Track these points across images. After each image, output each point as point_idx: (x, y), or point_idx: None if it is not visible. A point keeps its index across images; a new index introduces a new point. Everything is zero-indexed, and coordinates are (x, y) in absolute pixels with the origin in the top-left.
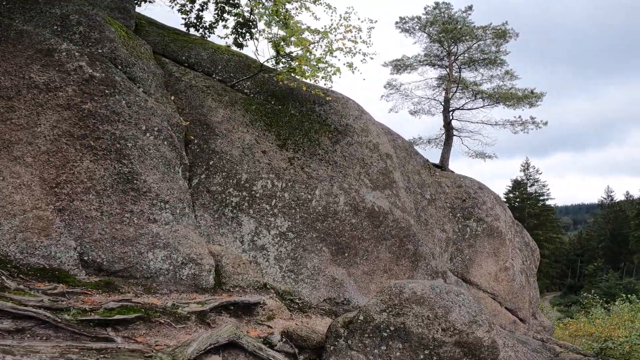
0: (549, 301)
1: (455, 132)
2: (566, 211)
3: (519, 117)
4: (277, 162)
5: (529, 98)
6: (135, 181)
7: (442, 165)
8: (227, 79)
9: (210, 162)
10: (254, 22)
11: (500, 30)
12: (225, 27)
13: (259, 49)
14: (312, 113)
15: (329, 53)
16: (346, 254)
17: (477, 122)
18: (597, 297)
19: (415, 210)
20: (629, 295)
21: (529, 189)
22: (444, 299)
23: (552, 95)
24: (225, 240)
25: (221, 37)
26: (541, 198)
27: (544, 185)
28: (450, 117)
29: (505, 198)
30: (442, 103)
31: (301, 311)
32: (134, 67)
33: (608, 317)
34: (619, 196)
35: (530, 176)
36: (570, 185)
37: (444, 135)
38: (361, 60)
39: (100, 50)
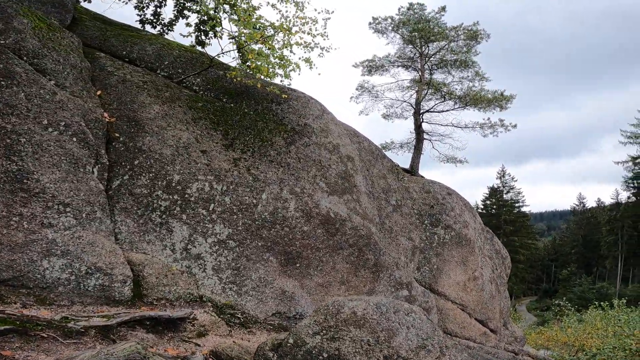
0: (526, 305)
1: (426, 136)
2: (541, 218)
3: (488, 119)
4: (219, 162)
5: (499, 100)
6: (25, 180)
7: (412, 170)
8: (174, 75)
9: (136, 162)
10: (219, 20)
11: (471, 31)
12: (188, 24)
13: (225, 48)
14: (269, 112)
15: (285, 47)
16: (298, 265)
17: (447, 125)
18: (569, 304)
19: (378, 217)
20: (602, 303)
21: (504, 196)
22: (389, 320)
23: (529, 104)
24: (152, 249)
25: (184, 36)
26: (517, 205)
27: (519, 192)
28: (421, 120)
29: (482, 205)
30: (414, 105)
31: (243, 327)
32: (45, 59)
33: (581, 325)
34: (590, 203)
35: (506, 183)
36: (545, 192)
37: (414, 139)
38: (319, 55)
39: (2, 42)
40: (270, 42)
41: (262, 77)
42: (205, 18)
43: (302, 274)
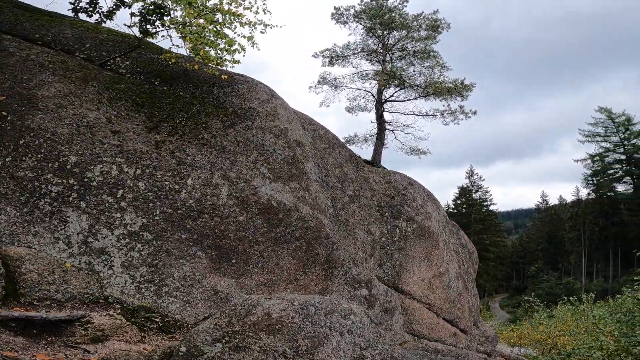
0: (499, 303)
1: (388, 127)
2: (508, 216)
3: (448, 106)
4: (134, 144)
5: (460, 89)
6: None
7: (375, 162)
8: (96, 58)
9: (21, 142)
10: (167, 9)
11: (432, 20)
12: (133, 14)
13: (175, 38)
14: (208, 95)
15: (225, 24)
16: (234, 261)
17: (408, 114)
18: (538, 300)
19: (332, 208)
20: (570, 298)
21: (473, 195)
22: (316, 325)
23: (494, 106)
24: (40, 242)
25: (128, 26)
26: (485, 204)
27: (487, 192)
28: (382, 109)
29: (453, 205)
30: (375, 95)
31: (163, 332)
32: None
33: (552, 321)
34: (553, 201)
35: (474, 183)
36: (511, 192)
37: (376, 129)
38: (261, 32)
39: None
40: (209, 19)
41: (206, 61)
42: (152, 7)
43: (239, 272)
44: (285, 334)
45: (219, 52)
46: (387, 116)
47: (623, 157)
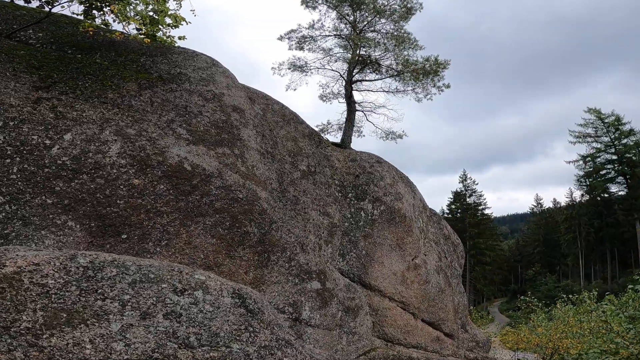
0: (498, 307)
1: (358, 107)
2: (503, 221)
3: (422, 84)
4: (6, 98)
5: (433, 66)
6: None
7: (344, 144)
8: (5, 30)
9: None
10: None
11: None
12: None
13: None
14: (132, 63)
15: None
16: (125, 236)
17: (378, 91)
18: (536, 300)
19: (278, 182)
20: (570, 296)
21: (467, 199)
22: (90, 293)
23: (486, 111)
24: None
25: (76, 14)
26: (479, 208)
27: (481, 195)
28: (352, 89)
29: (448, 210)
30: (344, 76)
31: None
32: None
33: (551, 323)
34: (547, 204)
35: (468, 187)
36: (505, 196)
37: (346, 110)
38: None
39: None
40: None
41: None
42: None
43: (133, 251)
44: (13, 299)
45: (164, 28)
46: (357, 96)
47: (615, 157)
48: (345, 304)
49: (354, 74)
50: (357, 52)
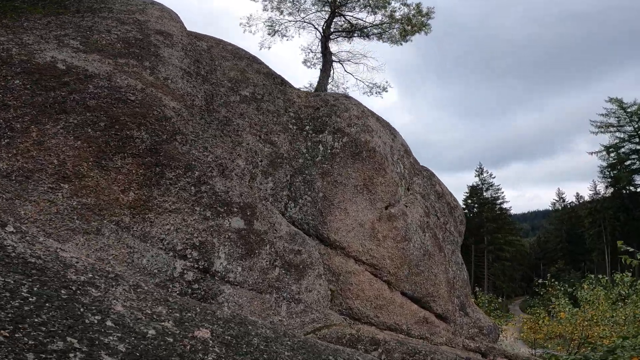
0: (519, 305)
1: (334, 58)
2: (524, 219)
3: (397, 17)
4: None
5: (416, 16)
6: None
7: (316, 92)
8: None
9: None
10: None
11: None
12: None
13: None
14: (54, 4)
15: None
16: None
17: (352, 32)
18: (557, 283)
19: (205, 101)
20: (600, 276)
21: (484, 194)
22: None
23: (501, 108)
24: None
25: None
26: (497, 202)
27: (498, 189)
28: (328, 40)
29: (464, 205)
30: (320, 29)
31: None
32: None
33: (577, 308)
34: (570, 198)
35: (485, 181)
36: (526, 193)
37: (321, 62)
38: None
39: None
40: None
41: None
42: None
43: None
44: None
45: None
46: (333, 47)
47: (639, 147)
48: (285, 259)
49: (331, 28)
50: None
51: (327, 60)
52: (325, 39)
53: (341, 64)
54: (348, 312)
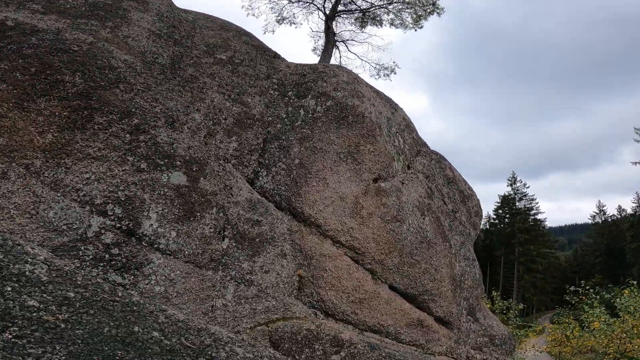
0: (549, 319)
1: (337, 38)
2: (561, 232)
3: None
4: None
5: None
6: None
7: None
8: None
9: None
10: None
11: None
12: None
13: None
14: None
15: None
16: None
17: (356, 11)
18: (592, 290)
19: (172, 60)
20: None
21: (517, 203)
22: None
23: (539, 115)
24: None
25: None
26: (531, 213)
27: (532, 199)
28: (331, 20)
29: (495, 215)
30: (323, 7)
31: None
32: None
33: (614, 318)
34: (611, 211)
35: (517, 190)
36: (566, 206)
37: (324, 42)
38: None
39: None
40: None
41: None
42: None
43: None
44: None
45: None
46: (336, 27)
47: None
48: (239, 229)
49: (338, 8)
50: None
51: (329, 40)
52: (328, 19)
53: (345, 44)
54: (320, 306)
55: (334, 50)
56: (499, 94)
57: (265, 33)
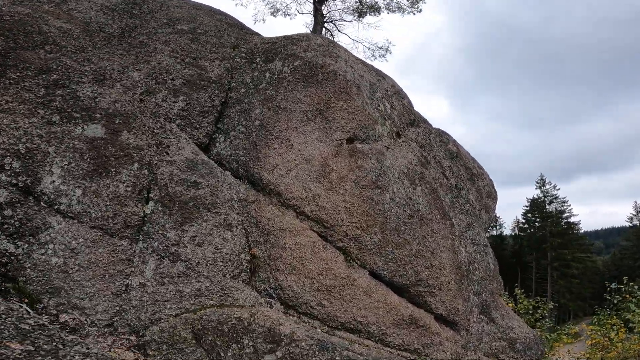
0: (589, 323)
1: (325, 20)
2: (597, 236)
3: None
4: None
5: None
6: None
7: None
8: None
9: None
10: None
11: None
12: None
13: None
14: None
15: None
16: None
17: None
18: (636, 286)
19: (122, 30)
20: None
21: (547, 206)
22: None
23: (568, 116)
24: None
25: None
26: (563, 216)
27: (564, 202)
28: (322, 3)
29: (524, 219)
30: None
31: None
32: None
33: None
34: None
35: (547, 193)
36: (600, 209)
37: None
38: None
39: None
40: None
41: None
42: None
43: None
44: None
45: None
46: (325, 9)
47: None
48: (168, 190)
49: None
50: None
51: (317, 21)
52: (317, 1)
53: (334, 24)
54: (278, 294)
55: (323, 32)
56: (522, 97)
57: (255, 23)
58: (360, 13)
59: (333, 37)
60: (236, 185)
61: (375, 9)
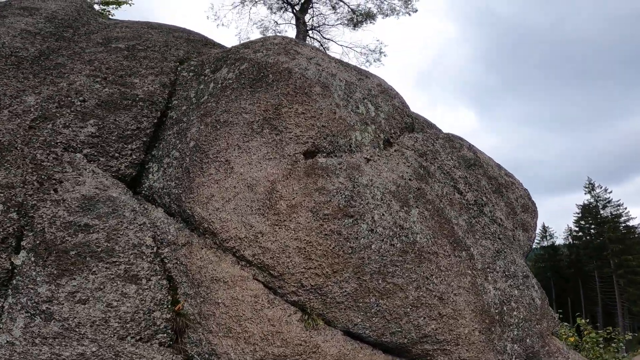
0: None
1: (309, 27)
2: None
3: None
4: None
5: None
6: None
7: None
8: None
9: None
10: None
11: None
12: None
13: None
14: None
15: None
16: None
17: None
18: None
19: (40, 53)
20: None
21: (601, 211)
22: None
23: (606, 114)
24: None
25: None
26: (620, 220)
27: (619, 205)
28: (304, 12)
29: (577, 227)
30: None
31: None
32: None
33: None
34: None
35: (598, 197)
36: None
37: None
38: None
39: None
40: None
41: None
42: None
43: None
44: None
45: None
46: (314, 21)
47: None
48: (46, 237)
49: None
50: None
51: (299, 30)
52: (296, 11)
53: (317, 31)
54: (214, 352)
55: (306, 40)
56: (549, 98)
57: (240, 41)
58: (355, 24)
59: (323, 48)
60: (164, 225)
61: (370, 16)
